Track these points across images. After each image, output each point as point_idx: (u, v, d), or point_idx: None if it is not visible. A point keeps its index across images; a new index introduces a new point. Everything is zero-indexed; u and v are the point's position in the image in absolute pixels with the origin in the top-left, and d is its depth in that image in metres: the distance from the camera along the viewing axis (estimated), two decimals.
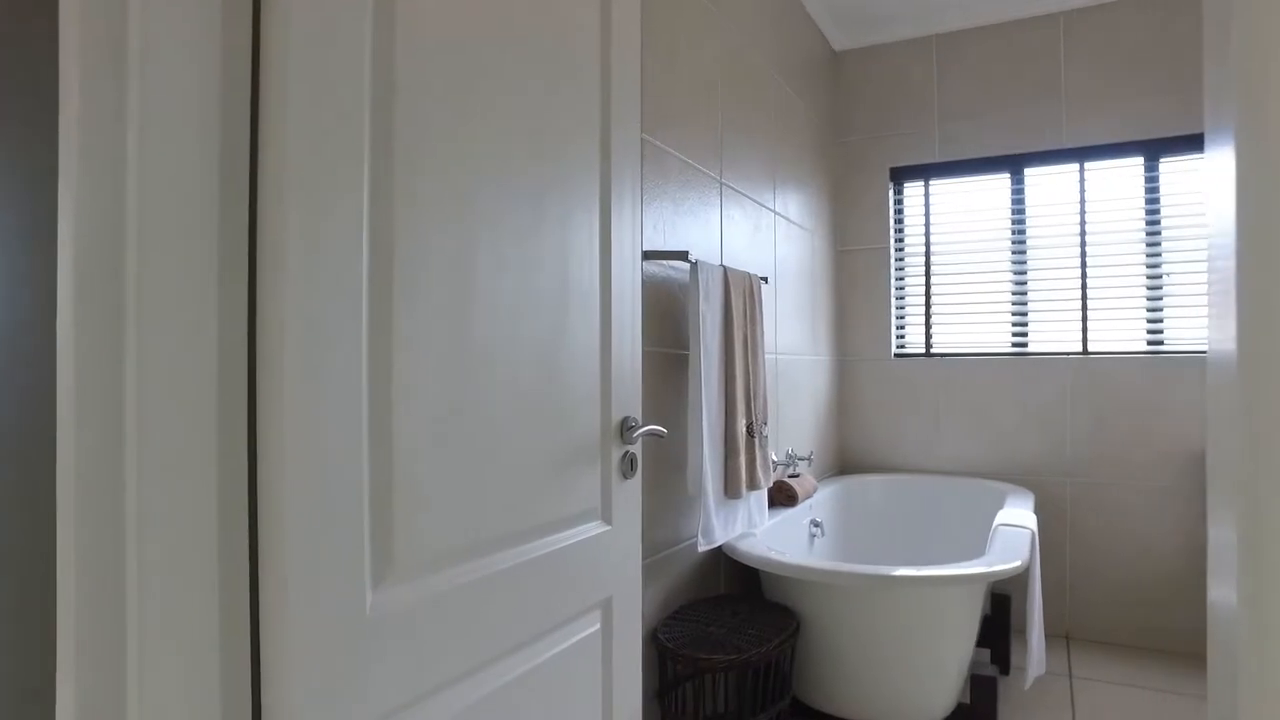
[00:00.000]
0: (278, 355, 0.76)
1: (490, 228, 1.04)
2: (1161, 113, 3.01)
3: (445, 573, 0.97)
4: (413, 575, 0.92)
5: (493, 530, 1.05)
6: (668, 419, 2.04)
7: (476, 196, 1.02)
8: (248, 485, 0.77)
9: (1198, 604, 2.93)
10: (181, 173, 0.71)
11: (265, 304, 0.76)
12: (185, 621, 0.71)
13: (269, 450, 0.76)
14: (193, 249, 0.72)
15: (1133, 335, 3.09)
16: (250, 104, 0.77)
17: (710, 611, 2.01)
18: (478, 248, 1.02)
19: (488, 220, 1.04)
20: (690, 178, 2.19)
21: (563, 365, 1.22)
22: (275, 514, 0.76)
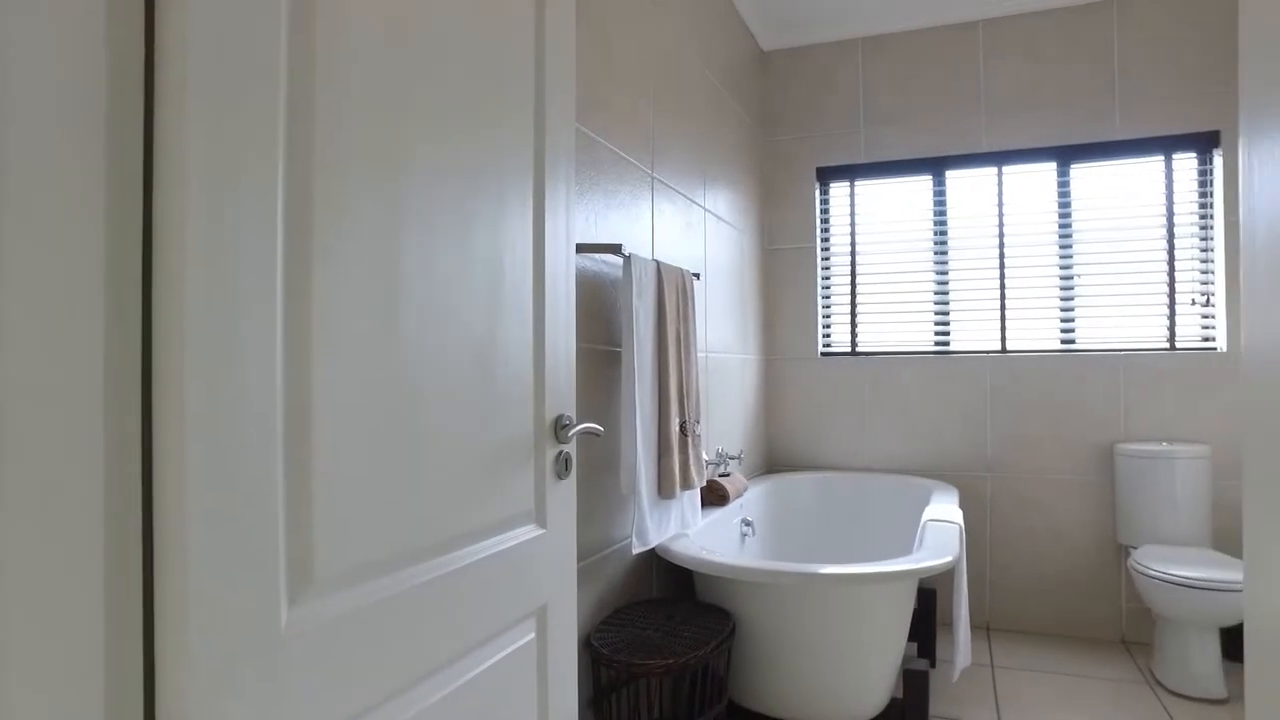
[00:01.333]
0: (176, 352, 0.66)
1: (420, 217, 0.97)
2: (1074, 120, 3.13)
3: (371, 585, 0.89)
4: (334, 589, 0.83)
5: (423, 538, 0.97)
6: (600, 417, 1.98)
7: (406, 184, 0.94)
8: (141, 500, 0.67)
9: (1110, 591, 3.05)
10: (56, 149, 0.61)
11: (162, 295, 0.67)
12: (57, 655, 0.61)
13: (166, 460, 0.66)
14: (73, 235, 0.62)
15: (1047, 334, 3.20)
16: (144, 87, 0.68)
17: (644, 615, 1.96)
18: (407, 237, 0.94)
19: (418, 208, 0.96)
20: (623, 170, 2.14)
21: (496, 361, 1.15)
22: (174, 530, 0.66)
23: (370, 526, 0.88)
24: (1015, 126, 3.21)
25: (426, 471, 0.98)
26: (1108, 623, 3.05)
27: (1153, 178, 3.08)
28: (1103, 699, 2.50)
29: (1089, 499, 3.08)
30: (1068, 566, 3.10)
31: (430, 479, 0.99)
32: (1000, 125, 3.23)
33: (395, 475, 0.92)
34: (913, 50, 3.36)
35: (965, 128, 3.28)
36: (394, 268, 0.92)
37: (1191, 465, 2.80)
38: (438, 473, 1.00)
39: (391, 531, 0.92)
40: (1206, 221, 3.03)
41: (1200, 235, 3.03)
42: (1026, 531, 3.15)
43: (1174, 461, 2.80)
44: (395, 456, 0.92)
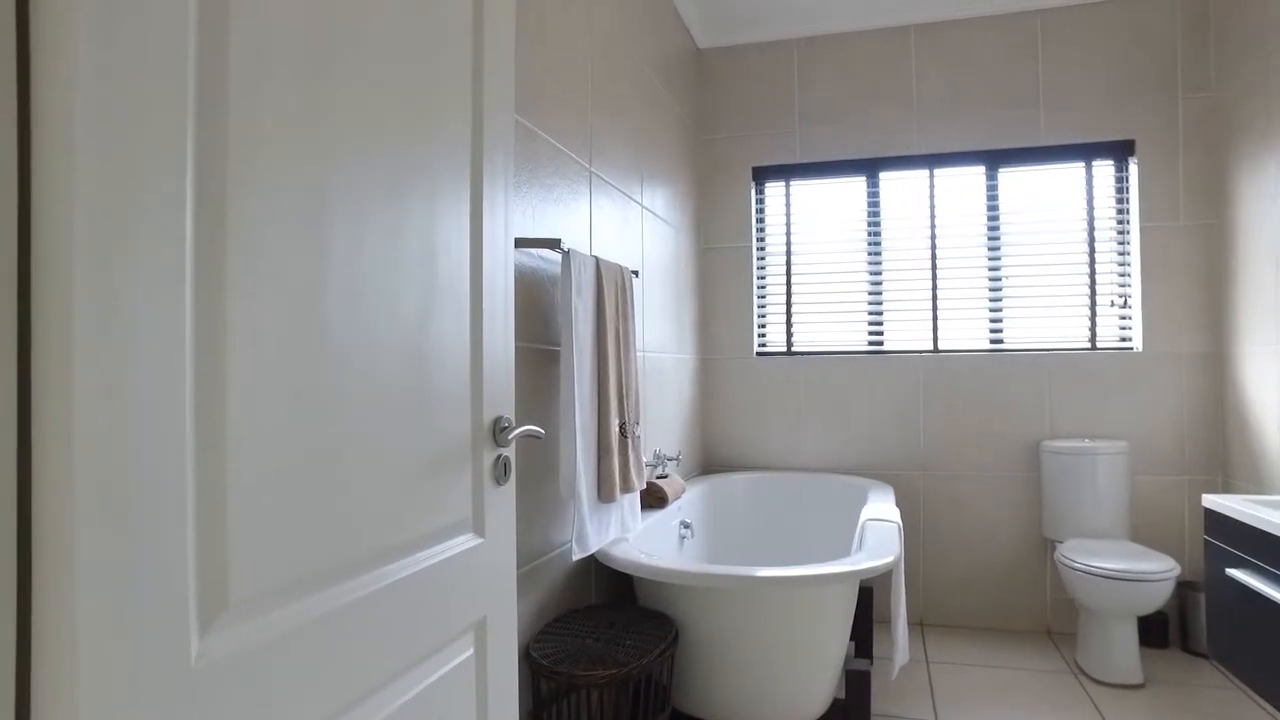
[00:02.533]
0: (62, 349, 0.58)
1: (349, 208, 0.89)
2: (1002, 126, 3.21)
3: (296, 605, 0.80)
4: (254, 613, 0.75)
5: (354, 551, 0.89)
6: (537, 419, 1.91)
7: (333, 172, 0.86)
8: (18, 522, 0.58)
9: (1036, 584, 3.14)
10: None
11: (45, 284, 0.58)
12: None
13: (48, 477, 0.57)
14: None
15: (977, 334, 3.27)
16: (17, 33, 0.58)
17: (585, 623, 1.89)
18: (334, 228, 0.86)
19: (346, 198, 0.89)
20: (561, 164, 2.07)
21: (430, 361, 1.07)
22: (57, 558, 0.57)
23: (295, 541, 0.80)
24: (946, 130, 3.27)
25: (357, 479, 0.90)
26: (1034, 615, 3.13)
27: (1075, 183, 3.19)
28: (1032, 689, 2.56)
29: (1017, 495, 3.16)
30: (997, 561, 3.18)
31: (361, 487, 0.91)
32: (932, 128, 3.29)
33: (323, 485, 0.84)
34: (847, 52, 3.39)
35: (898, 130, 3.33)
36: (320, 260, 0.84)
37: (1112, 461, 2.90)
38: (370, 480, 0.93)
39: (320, 546, 0.83)
40: (1124, 226, 3.14)
41: (1118, 240, 3.15)
42: (958, 528, 3.21)
43: (1096, 457, 2.90)
44: (323, 464, 0.84)
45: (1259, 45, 2.70)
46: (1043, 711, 2.39)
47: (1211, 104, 3.02)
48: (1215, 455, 3.00)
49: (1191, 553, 3.01)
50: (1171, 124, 3.05)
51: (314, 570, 0.83)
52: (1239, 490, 2.85)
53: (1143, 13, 3.08)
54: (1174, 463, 3.03)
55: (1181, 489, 3.02)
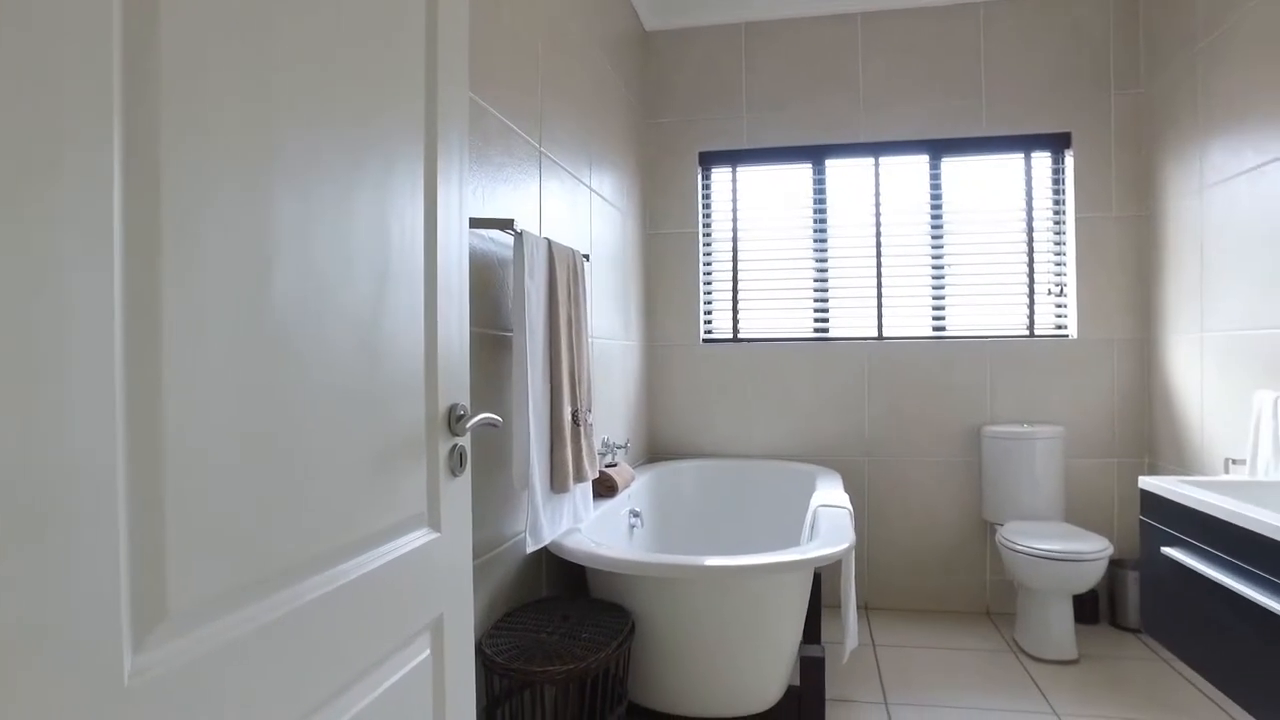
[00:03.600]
0: None
1: (297, 184, 0.82)
2: (945, 116, 3.25)
3: (242, 612, 0.73)
4: (195, 623, 0.67)
5: (304, 551, 0.83)
6: (489, 407, 1.84)
7: (279, 147, 0.80)
8: None
9: (976, 566, 3.21)
10: None
11: None
12: None
13: None
14: None
15: (920, 321, 3.32)
16: None
17: (538, 617, 1.84)
18: (281, 207, 0.79)
19: (294, 175, 0.82)
20: (511, 143, 2.00)
21: (384, 347, 1.01)
22: None
23: (241, 543, 0.73)
24: (891, 119, 3.30)
25: (308, 474, 0.83)
26: (974, 596, 3.21)
27: (1014, 174, 3.26)
28: (975, 669, 2.62)
29: (958, 479, 3.23)
30: (939, 544, 3.24)
31: (312, 483, 0.84)
32: (877, 117, 3.31)
33: (271, 481, 0.77)
34: (794, 38, 3.38)
35: (844, 118, 3.34)
36: (266, 241, 0.77)
37: (1049, 445, 2.98)
38: (321, 475, 0.86)
39: (267, 547, 0.77)
40: (1060, 217, 3.23)
41: (1055, 229, 3.23)
42: (901, 512, 3.27)
43: (1034, 442, 2.98)
44: (271, 459, 0.77)
45: (1186, 45, 2.79)
46: (986, 690, 2.45)
47: (1141, 100, 3.11)
48: (1142, 438, 3.12)
49: (1120, 531, 3.13)
50: (1105, 118, 3.14)
51: (262, 574, 0.76)
52: (1164, 471, 2.97)
53: (1078, 9, 3.16)
54: (1104, 446, 3.13)
55: (1111, 471, 3.13)
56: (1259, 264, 2.37)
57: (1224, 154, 2.56)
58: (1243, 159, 2.46)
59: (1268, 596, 1.57)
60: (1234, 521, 1.69)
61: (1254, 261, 2.40)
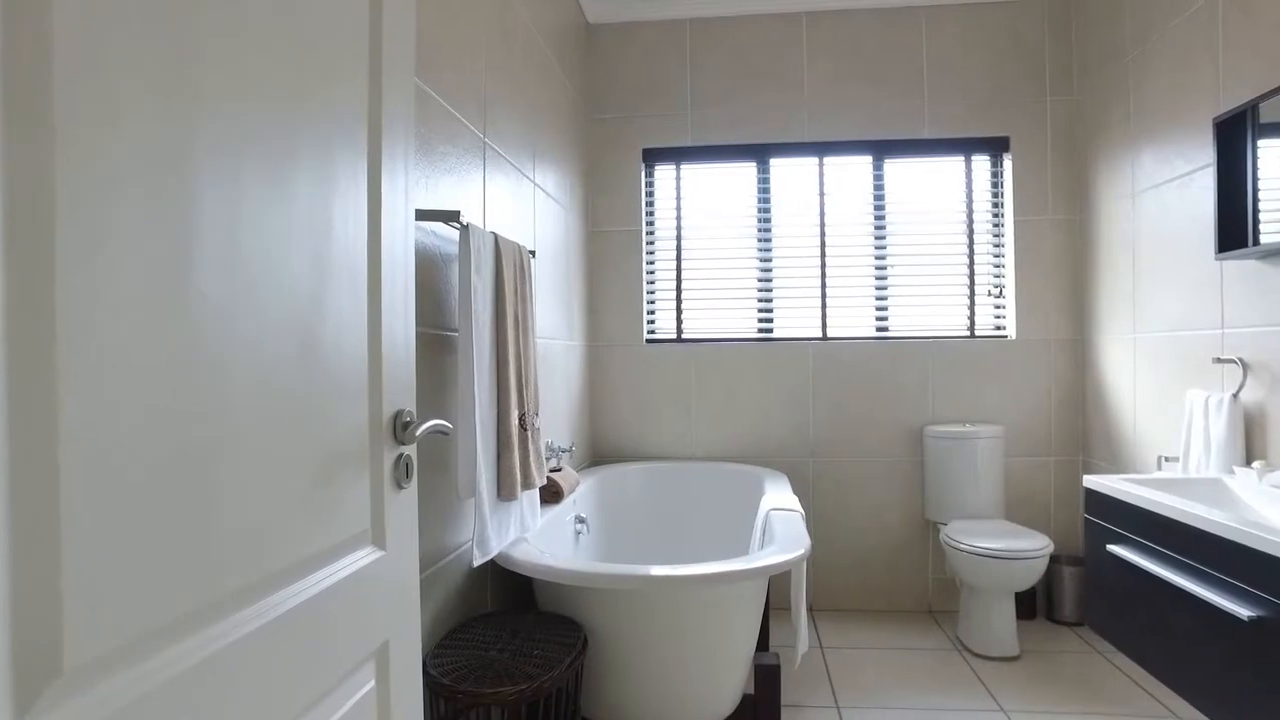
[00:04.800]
0: None
1: (225, 169, 0.73)
2: (888, 117, 3.27)
3: (156, 659, 0.63)
4: (98, 678, 0.57)
5: (231, 582, 0.72)
6: (432, 411, 1.73)
7: (203, 129, 0.69)
8: None
9: (919, 565, 3.24)
10: None
11: None
12: None
13: None
14: None
15: (864, 321, 3.33)
16: None
17: (485, 633, 1.74)
18: (206, 192, 0.70)
19: (221, 160, 0.72)
20: (455, 131, 1.89)
21: (324, 347, 0.91)
22: None
23: (155, 580, 0.62)
24: (835, 119, 3.30)
25: (238, 494, 0.73)
26: (917, 595, 3.24)
27: (955, 177, 3.30)
28: (922, 668, 2.63)
29: (901, 479, 3.25)
30: (882, 544, 3.26)
31: (242, 503, 0.74)
32: (822, 116, 3.31)
33: (194, 504, 0.67)
34: (739, 36, 3.35)
35: (789, 117, 3.32)
36: (188, 231, 0.67)
37: (989, 444, 3.02)
38: (253, 494, 0.76)
39: (187, 582, 0.66)
40: (999, 219, 3.28)
41: (994, 232, 3.28)
42: (846, 512, 3.27)
43: (975, 441, 3.01)
44: (194, 479, 0.67)
45: (1117, 56, 2.86)
46: (935, 690, 2.45)
47: (1075, 107, 3.19)
48: (1077, 437, 3.19)
49: (1056, 528, 3.20)
50: (1041, 124, 3.21)
51: (181, 612, 0.65)
52: (1098, 469, 3.04)
53: (1015, 17, 3.22)
54: (1041, 444, 3.20)
55: (1048, 469, 3.20)
56: (1188, 268, 2.44)
57: (1154, 161, 2.64)
58: (1173, 166, 2.53)
59: (1210, 590, 1.59)
60: (1180, 519, 1.71)
61: (1183, 265, 2.47)
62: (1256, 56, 2.14)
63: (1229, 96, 2.25)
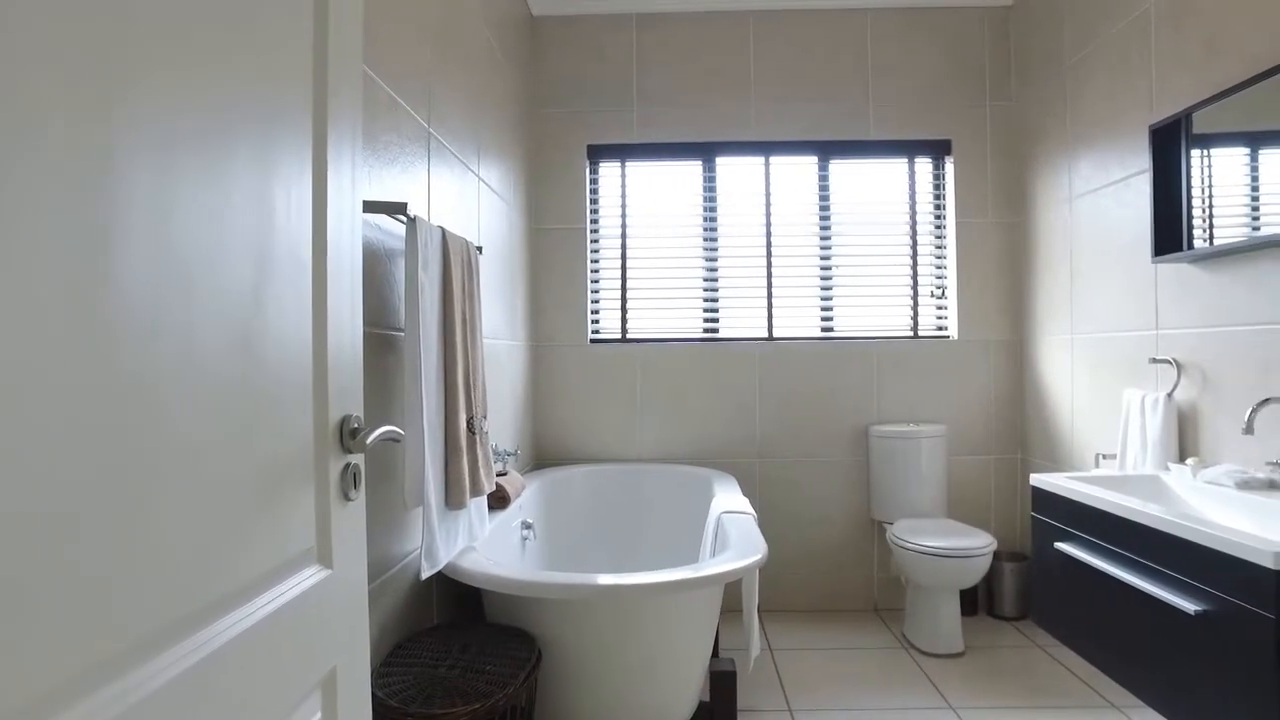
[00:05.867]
0: None
1: (153, 152, 0.64)
2: (834, 118, 3.28)
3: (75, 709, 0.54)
4: None
5: (158, 617, 0.64)
6: (376, 415, 1.63)
7: (127, 110, 0.60)
8: None
9: (864, 564, 3.26)
10: None
11: None
12: None
13: None
14: None
15: (809, 322, 3.33)
16: None
17: (434, 648, 1.65)
18: (128, 176, 0.60)
19: (148, 143, 0.63)
20: (399, 120, 1.79)
21: (265, 347, 0.83)
22: None
23: (65, 625, 0.53)
24: (782, 119, 3.29)
25: (167, 515, 0.65)
26: (863, 594, 3.26)
27: (899, 178, 3.33)
28: (870, 666, 2.64)
29: (847, 479, 3.27)
30: (829, 544, 3.27)
31: (173, 526, 0.65)
32: (768, 116, 3.30)
33: (115, 530, 0.58)
34: (686, 32, 3.32)
35: (736, 115, 3.31)
36: (109, 219, 0.58)
37: (933, 443, 3.06)
38: (185, 514, 0.67)
39: (104, 621, 0.57)
40: (941, 221, 3.33)
41: (936, 233, 3.33)
42: (793, 512, 3.27)
43: (919, 441, 3.05)
44: (115, 502, 0.58)
45: (1054, 63, 2.93)
46: (885, 689, 2.46)
47: (1014, 112, 3.26)
48: (1016, 435, 3.26)
49: (997, 525, 3.26)
50: (981, 128, 3.27)
51: (96, 659, 0.57)
52: (1037, 467, 3.11)
53: (957, 23, 3.27)
54: (982, 443, 3.26)
55: (988, 467, 3.26)
56: (1124, 271, 2.51)
57: (1091, 166, 2.70)
58: (1109, 172, 2.59)
59: (1157, 586, 1.62)
60: (1128, 516, 1.74)
61: (1120, 269, 2.53)
62: (1188, 69, 2.21)
63: (1162, 105, 2.31)
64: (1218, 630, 1.48)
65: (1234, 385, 2.07)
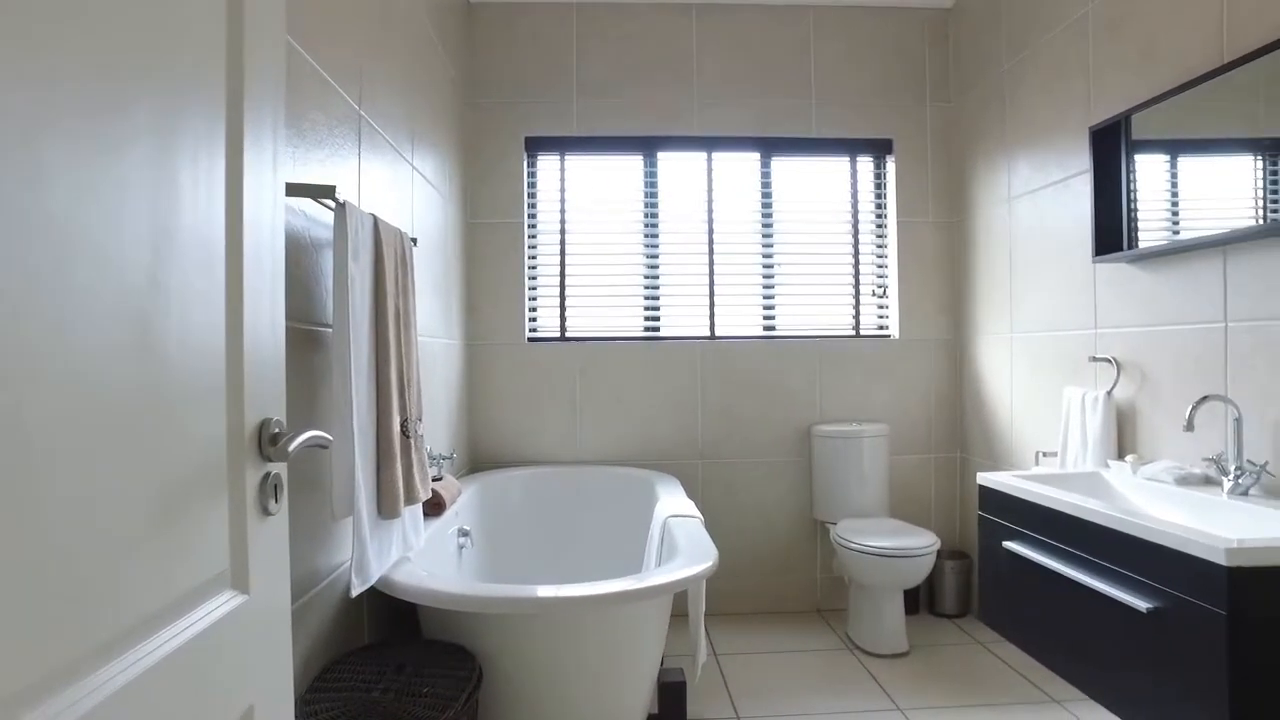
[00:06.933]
0: None
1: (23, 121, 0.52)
2: (776, 114, 3.25)
3: None
4: None
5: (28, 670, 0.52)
6: (300, 419, 1.50)
7: None
8: None
9: (807, 565, 3.24)
10: None
11: None
12: None
13: None
14: None
15: (752, 320, 3.29)
16: None
17: (367, 670, 1.53)
18: None
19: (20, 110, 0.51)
20: (328, 99, 1.66)
21: (169, 344, 0.72)
22: None
23: None
24: (724, 114, 3.24)
25: (38, 544, 0.53)
26: (806, 594, 3.24)
27: (841, 177, 3.32)
28: (817, 669, 2.61)
29: (790, 479, 3.24)
30: (771, 546, 3.23)
31: (32, 555, 0.54)
32: (711, 111, 3.24)
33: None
34: (628, 24, 3.24)
35: (678, 110, 3.24)
36: None
37: (875, 443, 3.05)
38: (50, 540, 0.55)
39: None
40: (883, 220, 3.33)
41: (877, 232, 3.33)
42: (735, 514, 3.22)
43: (862, 440, 3.04)
44: None
45: (994, 64, 2.96)
46: (832, 692, 2.43)
47: (953, 113, 3.29)
48: (956, 434, 3.29)
49: (938, 523, 3.28)
50: (922, 128, 3.28)
51: None
52: (976, 465, 3.14)
53: (899, 22, 3.28)
54: (923, 442, 3.27)
55: (929, 466, 3.28)
56: (1064, 271, 2.54)
57: (1029, 168, 2.73)
58: (1048, 173, 2.62)
59: (1108, 584, 1.62)
60: (1079, 515, 1.73)
61: (1059, 268, 2.56)
62: (1126, 73, 2.24)
63: (1100, 108, 2.34)
64: (1170, 628, 1.47)
65: (1171, 383, 2.10)
